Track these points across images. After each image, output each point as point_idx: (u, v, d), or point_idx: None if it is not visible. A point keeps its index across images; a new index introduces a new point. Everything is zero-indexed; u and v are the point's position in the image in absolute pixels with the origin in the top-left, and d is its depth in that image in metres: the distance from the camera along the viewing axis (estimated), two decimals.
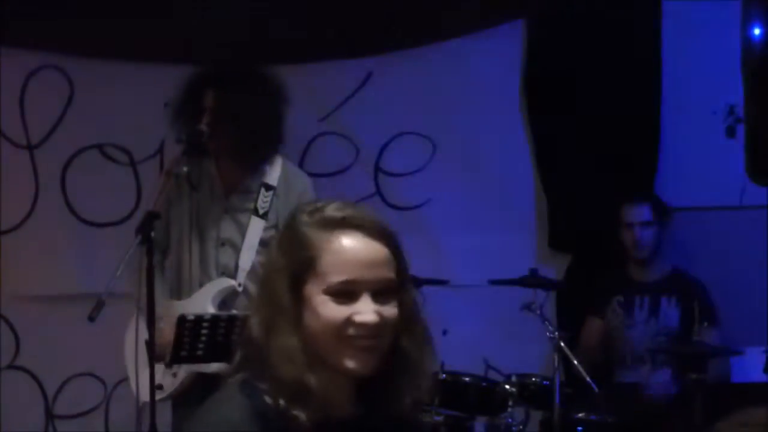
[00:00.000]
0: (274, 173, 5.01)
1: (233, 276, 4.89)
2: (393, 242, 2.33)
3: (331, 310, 2.26)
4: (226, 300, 4.87)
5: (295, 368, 2.24)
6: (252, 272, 4.89)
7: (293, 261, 2.31)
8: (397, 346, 2.32)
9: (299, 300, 2.29)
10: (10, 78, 6.27)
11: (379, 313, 2.26)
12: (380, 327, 2.26)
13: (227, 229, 4.96)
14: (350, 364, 2.25)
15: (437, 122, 6.51)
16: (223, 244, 4.95)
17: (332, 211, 2.33)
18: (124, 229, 6.05)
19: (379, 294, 2.28)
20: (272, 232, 4.92)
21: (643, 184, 6.32)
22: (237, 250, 4.93)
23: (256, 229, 4.94)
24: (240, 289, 4.86)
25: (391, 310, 2.29)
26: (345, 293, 2.26)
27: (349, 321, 2.25)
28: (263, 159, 5.00)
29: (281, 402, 2.24)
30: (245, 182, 4.99)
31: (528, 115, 6.48)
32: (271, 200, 4.96)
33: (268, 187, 4.97)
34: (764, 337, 6.06)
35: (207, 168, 4.99)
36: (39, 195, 6.34)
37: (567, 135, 6.36)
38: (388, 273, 2.30)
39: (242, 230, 4.95)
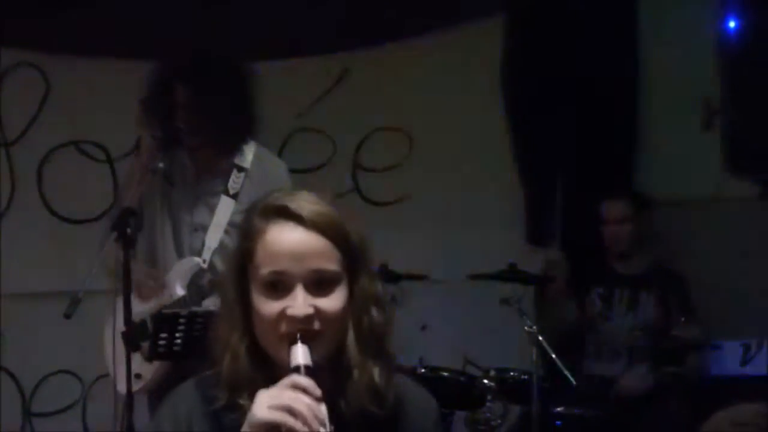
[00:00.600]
0: (247, 157, 5.00)
1: (200, 255, 4.89)
2: (335, 233, 2.27)
3: (263, 304, 2.23)
4: (194, 279, 4.86)
5: (238, 361, 2.24)
6: (220, 250, 4.88)
7: (238, 251, 2.31)
8: (347, 339, 2.29)
9: (244, 294, 2.28)
10: None
11: (313, 305, 2.21)
12: (313, 319, 2.21)
13: (200, 215, 4.96)
14: (285, 356, 2.21)
15: (415, 118, 6.52)
16: (196, 230, 4.94)
17: (273, 199, 2.30)
18: (101, 226, 6.03)
19: (316, 286, 2.23)
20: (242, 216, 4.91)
21: (620, 178, 6.33)
22: (207, 231, 4.93)
23: (225, 208, 4.92)
24: (205, 265, 4.85)
25: (330, 302, 2.24)
26: (276, 286, 2.23)
27: (281, 315, 2.22)
28: (237, 144, 4.99)
29: (227, 395, 2.24)
30: (217, 166, 4.98)
31: (506, 110, 6.48)
32: (243, 182, 4.95)
33: (240, 169, 4.96)
34: (742, 331, 6.09)
35: (180, 159, 4.96)
36: (15, 192, 6.34)
37: (544, 130, 6.36)
38: (324, 264, 2.24)
39: (213, 212, 4.94)
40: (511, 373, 5.39)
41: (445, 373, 5.47)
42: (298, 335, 2.20)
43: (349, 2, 6.25)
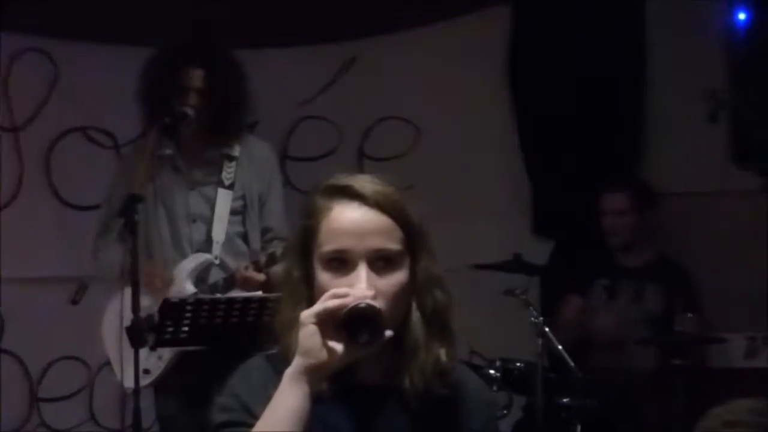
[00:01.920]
0: (234, 145, 4.99)
1: (207, 250, 4.88)
2: (398, 213, 2.28)
3: (327, 282, 2.23)
4: (202, 275, 4.86)
5: (295, 342, 2.21)
6: (227, 243, 4.88)
7: (301, 232, 2.32)
8: (410, 319, 2.29)
9: (307, 273, 2.29)
10: None
11: (373, 283, 2.21)
12: (375, 298, 2.19)
13: (196, 205, 4.95)
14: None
15: (421, 107, 6.52)
16: (194, 221, 4.93)
17: (336, 180, 2.32)
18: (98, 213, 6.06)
19: (378, 265, 2.24)
20: (240, 203, 4.92)
21: (625, 170, 6.33)
22: (208, 223, 4.91)
23: (224, 200, 4.92)
24: (217, 262, 4.85)
25: (391, 281, 2.24)
26: (340, 262, 2.24)
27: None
28: (236, 133, 4.99)
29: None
30: (207, 155, 4.97)
31: (512, 100, 6.48)
32: (235, 171, 4.95)
33: (231, 158, 4.96)
34: (747, 323, 6.10)
35: (167, 146, 4.94)
36: (23, 177, 6.33)
37: (551, 120, 6.37)
38: (387, 243, 2.25)
39: (211, 203, 4.93)
40: (517, 364, 5.41)
41: None
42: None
43: None
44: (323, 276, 2.25)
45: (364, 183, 2.30)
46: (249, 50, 5.56)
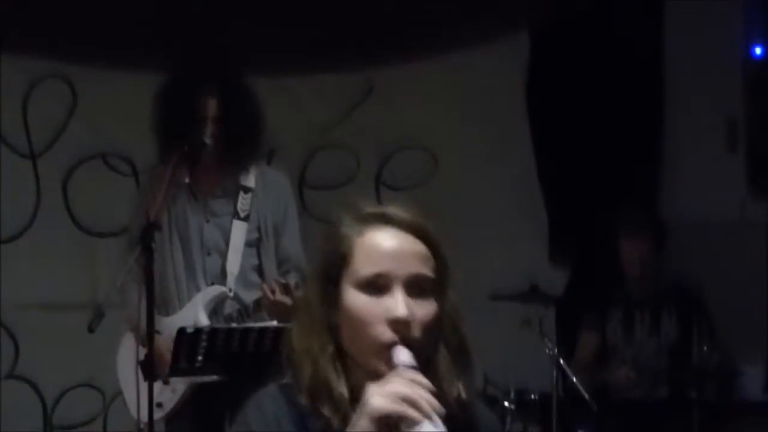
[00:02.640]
0: (250, 175, 4.98)
1: (221, 282, 4.86)
2: (431, 241, 2.28)
3: (363, 304, 2.21)
4: (216, 308, 4.85)
5: (319, 369, 2.21)
6: (240, 276, 4.87)
7: (327, 258, 2.29)
8: (434, 350, 2.26)
9: (331, 299, 2.26)
10: (14, 86, 6.27)
11: (410, 308, 2.19)
12: (411, 323, 2.18)
13: (211, 237, 4.92)
14: (379, 364, 2.17)
15: (439, 136, 6.52)
16: (209, 253, 4.91)
17: (369, 207, 2.32)
18: (118, 242, 6.07)
19: (413, 290, 2.22)
20: (255, 234, 4.90)
21: (644, 199, 6.32)
22: (223, 255, 4.90)
23: (239, 232, 4.90)
24: (231, 294, 4.83)
25: (425, 309, 2.22)
26: (376, 286, 2.21)
27: (379, 318, 2.19)
28: (252, 162, 4.97)
29: (309, 403, 2.22)
30: (222, 186, 4.96)
31: (530, 129, 6.48)
32: (251, 202, 4.93)
33: (246, 190, 4.94)
34: (764, 355, 6.06)
35: (184, 175, 4.92)
36: (40, 204, 6.34)
37: (570, 149, 6.37)
38: (423, 269, 2.24)
39: (225, 235, 4.91)
40: (531, 395, 5.38)
41: None
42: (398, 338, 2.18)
43: (374, 20, 6.26)
44: (359, 298, 2.21)
45: (397, 210, 2.30)
46: (267, 78, 5.56)
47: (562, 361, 5.22)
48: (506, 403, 5.31)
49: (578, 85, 6.33)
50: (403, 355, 2.16)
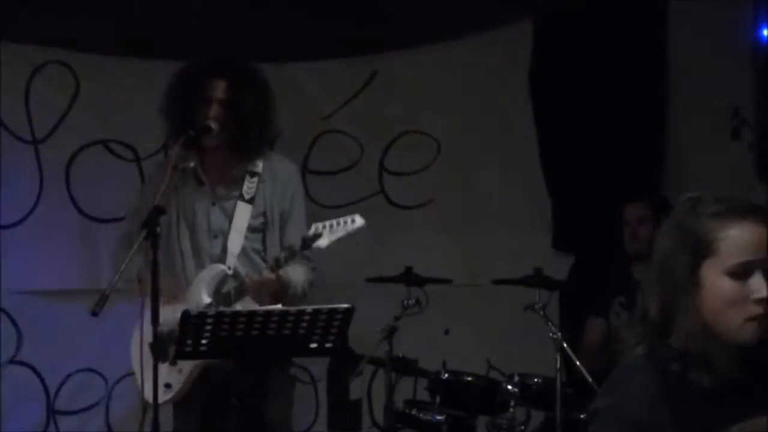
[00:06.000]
0: (258, 162, 4.97)
1: (224, 262, 4.86)
2: None
3: (731, 288, 2.57)
4: (219, 286, 4.84)
5: (698, 343, 2.56)
6: (242, 256, 4.86)
7: (691, 248, 2.61)
8: None
9: (695, 282, 2.60)
10: (16, 73, 6.27)
11: None
12: None
13: (217, 220, 4.92)
14: (746, 335, 2.56)
15: (442, 121, 6.51)
16: (216, 236, 4.92)
17: (723, 202, 2.63)
18: (121, 225, 6.08)
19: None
20: (261, 220, 4.90)
21: (648, 186, 6.31)
22: (227, 237, 4.90)
23: (243, 214, 4.90)
24: (230, 272, 4.83)
25: None
26: (742, 273, 2.57)
27: (747, 298, 2.56)
28: (258, 151, 4.96)
29: (686, 369, 2.58)
30: (231, 173, 4.95)
31: (534, 115, 6.47)
32: (257, 186, 4.93)
33: (253, 174, 4.94)
34: None
35: (190, 159, 4.89)
36: (43, 190, 6.34)
37: (573, 135, 6.37)
38: None
39: (229, 217, 4.92)
40: (535, 379, 5.38)
41: (468, 378, 5.46)
42: None
43: (377, 5, 6.25)
44: (727, 284, 2.58)
45: (748, 203, 2.65)
46: (271, 64, 5.55)
47: (565, 345, 5.21)
48: (509, 387, 5.30)
49: (582, 71, 6.33)
50: None
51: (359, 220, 4.58)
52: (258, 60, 5.36)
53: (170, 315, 4.45)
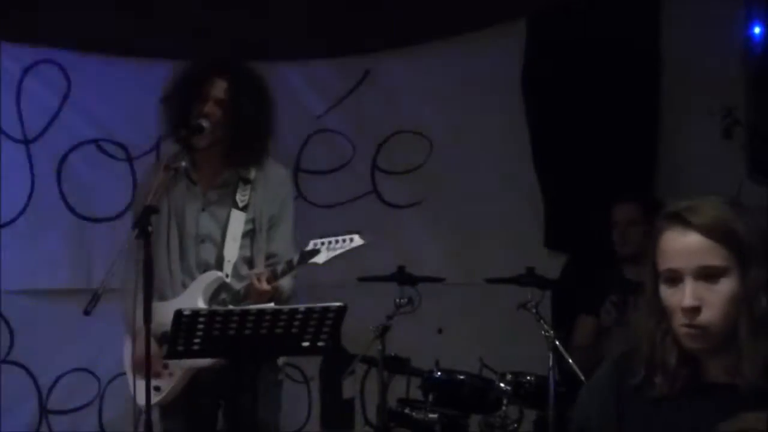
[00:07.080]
0: (250, 168, 4.96)
1: (217, 269, 4.84)
2: (721, 233, 2.55)
3: (664, 294, 2.60)
4: (215, 294, 4.83)
5: (650, 345, 2.62)
6: (238, 263, 4.85)
7: (650, 250, 2.64)
8: (740, 323, 2.55)
9: (657, 285, 2.62)
10: (7, 72, 6.28)
11: (701, 295, 2.53)
12: (698, 311, 2.53)
13: (206, 225, 4.87)
14: (684, 340, 2.56)
15: (435, 120, 6.52)
16: (203, 241, 4.88)
17: (674, 206, 2.63)
18: (119, 225, 6.07)
19: (703, 278, 2.54)
20: (250, 226, 4.88)
21: (640, 185, 6.31)
22: (217, 244, 4.86)
23: (237, 222, 4.86)
24: (228, 279, 4.81)
25: (716, 292, 2.54)
26: (672, 280, 2.58)
27: (676, 305, 2.56)
28: (254, 160, 4.93)
29: (651, 374, 2.61)
30: (223, 177, 4.92)
31: (526, 114, 6.47)
32: (249, 193, 4.90)
33: (246, 181, 4.91)
34: None
35: (182, 159, 4.81)
36: (34, 189, 6.34)
37: (565, 134, 6.37)
38: (709, 261, 2.54)
39: (221, 225, 4.87)
40: (528, 378, 5.38)
41: (461, 376, 5.46)
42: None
43: (370, 5, 6.26)
44: (662, 290, 2.60)
45: (695, 209, 2.58)
46: (263, 63, 5.54)
47: (558, 344, 5.21)
48: (502, 386, 5.30)
49: (575, 71, 6.33)
50: None
51: (358, 240, 4.59)
52: (250, 59, 5.35)
53: (163, 318, 4.45)
